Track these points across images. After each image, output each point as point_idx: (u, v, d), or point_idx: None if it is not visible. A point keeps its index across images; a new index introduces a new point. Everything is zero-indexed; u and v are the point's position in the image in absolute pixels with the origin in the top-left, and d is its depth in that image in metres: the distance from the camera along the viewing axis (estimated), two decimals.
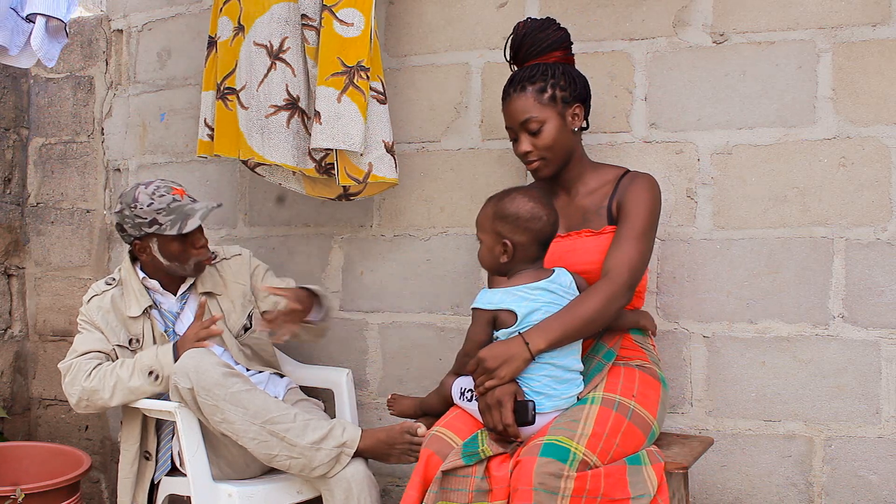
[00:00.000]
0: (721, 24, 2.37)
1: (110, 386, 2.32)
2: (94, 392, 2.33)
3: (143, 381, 2.32)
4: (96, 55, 3.27)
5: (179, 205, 2.39)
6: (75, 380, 2.35)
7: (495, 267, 2.01)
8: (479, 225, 2.03)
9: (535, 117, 2.10)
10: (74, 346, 2.42)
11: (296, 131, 2.54)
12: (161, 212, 2.37)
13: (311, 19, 2.47)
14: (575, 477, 1.71)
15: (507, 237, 1.95)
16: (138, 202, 2.38)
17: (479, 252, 2.03)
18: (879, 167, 2.24)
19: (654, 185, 2.14)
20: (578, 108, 2.14)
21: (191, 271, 2.48)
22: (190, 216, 2.38)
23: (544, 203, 1.98)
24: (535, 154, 2.13)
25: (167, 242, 2.40)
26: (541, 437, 1.79)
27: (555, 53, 2.16)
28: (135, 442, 2.43)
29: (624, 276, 2.00)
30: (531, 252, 1.97)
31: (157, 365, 2.32)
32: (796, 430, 2.31)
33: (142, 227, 2.38)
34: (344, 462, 2.21)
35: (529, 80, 2.12)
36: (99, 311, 2.43)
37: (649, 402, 1.99)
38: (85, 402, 2.35)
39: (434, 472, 1.86)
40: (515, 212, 1.94)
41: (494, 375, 1.87)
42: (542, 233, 1.96)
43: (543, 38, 2.16)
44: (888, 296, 2.24)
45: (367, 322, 2.80)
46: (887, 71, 2.23)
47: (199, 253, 2.44)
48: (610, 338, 2.09)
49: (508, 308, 1.92)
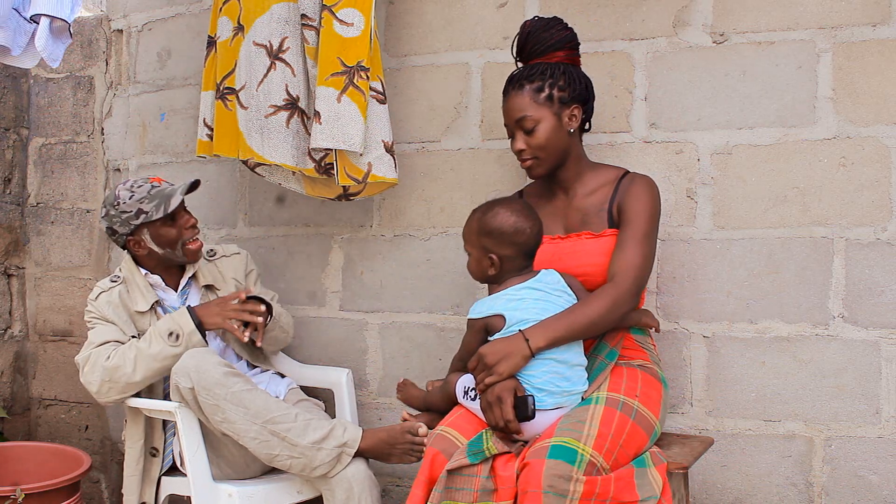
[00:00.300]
0: (721, 24, 2.37)
1: (131, 358, 2.32)
2: (116, 369, 2.32)
3: (163, 345, 2.32)
4: (96, 55, 3.27)
5: (159, 189, 2.45)
6: (94, 366, 2.34)
7: (484, 278, 2.06)
8: (465, 238, 2.07)
9: (530, 116, 2.11)
10: (91, 339, 2.41)
11: (295, 131, 2.54)
12: (143, 200, 2.42)
13: (311, 19, 2.47)
14: (584, 480, 1.71)
15: (492, 251, 2.00)
16: (119, 198, 2.44)
17: (468, 264, 2.08)
18: (879, 167, 2.24)
19: (653, 187, 2.14)
20: (577, 109, 2.14)
21: (184, 256, 2.50)
22: (171, 195, 2.43)
23: (527, 215, 2.01)
24: (528, 153, 2.14)
25: (157, 229, 2.44)
26: (547, 439, 1.79)
27: (558, 53, 2.16)
28: (139, 439, 2.43)
29: (630, 280, 2.01)
30: (518, 263, 2.01)
31: (174, 326, 2.34)
32: (796, 430, 2.32)
33: (129, 221, 2.43)
34: (345, 462, 2.21)
35: (528, 79, 2.13)
36: (109, 306, 2.44)
37: (652, 402, 1.99)
38: (108, 384, 2.33)
39: (439, 471, 1.86)
40: (499, 227, 1.98)
41: (494, 371, 1.88)
42: (527, 245, 2.01)
43: (547, 37, 2.16)
44: (888, 296, 2.24)
45: (367, 322, 2.81)
46: (887, 71, 2.23)
47: (189, 233, 2.48)
48: (612, 337, 2.09)
49: (497, 313, 1.96)
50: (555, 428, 1.84)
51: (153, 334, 2.35)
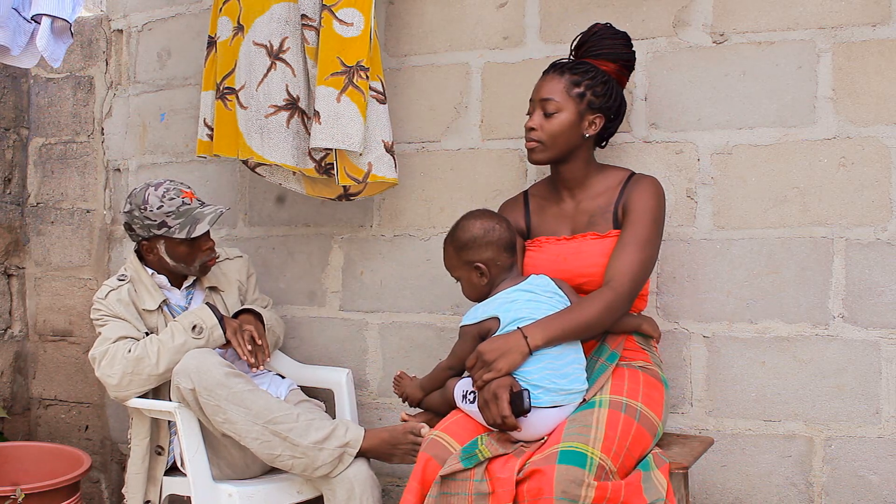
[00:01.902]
0: (721, 24, 2.37)
1: (154, 351, 2.33)
2: (139, 360, 2.32)
3: (186, 337, 2.34)
4: (96, 55, 3.27)
5: (189, 208, 2.43)
6: (114, 360, 2.34)
7: (481, 294, 2.09)
8: (448, 267, 2.13)
9: (555, 101, 2.13)
10: (105, 335, 2.40)
11: (296, 131, 2.54)
12: (171, 215, 2.40)
13: (311, 19, 2.47)
14: (596, 486, 1.71)
15: (476, 260, 2.05)
16: (148, 204, 2.41)
17: (462, 289, 2.12)
18: (879, 167, 2.24)
19: (658, 190, 2.14)
20: (600, 118, 2.16)
21: (196, 272, 2.52)
22: (199, 220, 2.41)
23: (489, 214, 2.09)
24: (536, 134, 2.15)
25: (175, 245, 2.44)
26: (555, 445, 1.79)
27: (610, 64, 2.18)
28: (145, 437, 2.43)
29: (626, 285, 2.02)
30: (502, 261, 2.06)
31: (197, 319, 2.37)
32: (796, 430, 2.32)
33: (151, 228, 2.42)
34: (347, 462, 2.21)
35: (571, 70, 2.16)
36: (119, 304, 2.44)
37: (654, 403, 1.99)
38: (129, 376, 2.33)
39: (432, 476, 1.86)
40: (471, 236, 2.05)
41: (492, 368, 1.89)
42: (503, 239, 2.05)
43: (608, 45, 2.19)
44: (888, 296, 2.24)
45: (367, 322, 2.81)
46: (887, 71, 2.23)
47: (205, 255, 2.49)
48: (613, 340, 2.10)
49: (492, 315, 1.99)
50: (561, 434, 1.84)
51: (175, 328, 2.37)
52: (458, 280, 2.11)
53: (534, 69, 2.43)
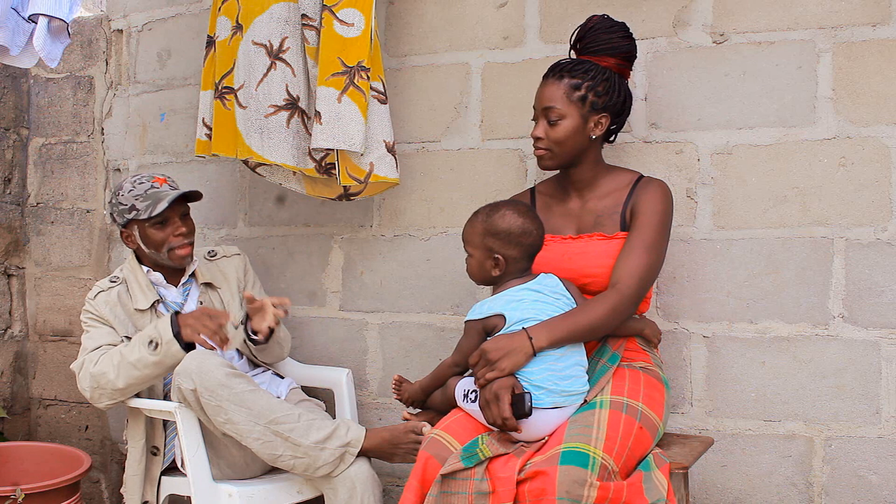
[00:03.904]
0: (721, 24, 2.37)
1: (115, 364, 2.32)
2: (101, 376, 2.33)
3: (143, 352, 2.31)
4: (96, 55, 3.27)
5: (156, 191, 2.46)
6: (85, 373, 2.36)
7: (485, 280, 2.07)
8: (467, 240, 2.06)
9: (557, 109, 2.11)
10: (84, 345, 2.43)
11: (296, 131, 2.54)
12: (138, 198, 2.44)
13: (311, 19, 2.47)
14: (598, 486, 1.71)
15: (498, 252, 2.01)
16: (121, 190, 2.48)
17: (469, 266, 2.07)
18: (879, 167, 2.24)
19: (667, 193, 2.14)
20: (605, 118, 2.14)
21: (169, 260, 2.48)
22: (161, 199, 2.42)
23: (533, 217, 2.03)
24: (544, 143, 2.14)
25: (145, 229, 2.45)
26: (557, 446, 1.79)
27: (609, 59, 2.16)
28: (141, 438, 2.43)
29: (632, 287, 2.02)
30: (521, 265, 2.03)
31: (154, 333, 2.32)
32: (796, 430, 2.32)
33: (123, 213, 2.46)
34: (348, 462, 2.21)
35: (570, 73, 2.12)
36: (106, 305, 2.45)
37: (655, 404, 1.99)
38: (97, 390, 2.34)
39: (432, 475, 1.86)
40: (507, 228, 1.99)
41: (496, 367, 1.88)
42: (533, 246, 2.03)
43: (605, 39, 2.16)
44: (888, 296, 2.24)
45: (367, 322, 2.81)
46: (887, 71, 2.23)
47: (176, 240, 2.47)
48: (615, 341, 2.10)
49: (498, 313, 1.97)
50: (562, 435, 1.84)
51: (136, 341, 2.34)
52: (469, 256, 2.06)
53: (534, 69, 2.43)
